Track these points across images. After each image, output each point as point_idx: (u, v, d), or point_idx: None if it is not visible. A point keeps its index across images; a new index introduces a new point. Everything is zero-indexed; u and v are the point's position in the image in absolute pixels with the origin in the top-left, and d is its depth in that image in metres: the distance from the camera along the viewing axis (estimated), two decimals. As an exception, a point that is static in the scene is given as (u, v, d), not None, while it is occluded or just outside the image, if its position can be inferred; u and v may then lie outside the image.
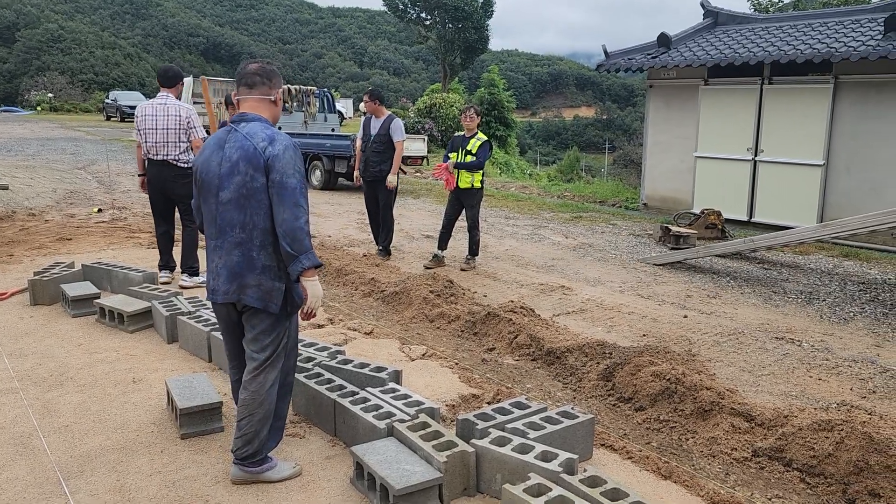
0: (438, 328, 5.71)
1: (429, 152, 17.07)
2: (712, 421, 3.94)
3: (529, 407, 3.36)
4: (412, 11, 35.99)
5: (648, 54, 12.64)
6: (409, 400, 3.36)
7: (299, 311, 3.09)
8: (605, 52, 13.28)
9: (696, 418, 3.99)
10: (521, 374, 4.71)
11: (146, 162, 6.25)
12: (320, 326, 5.25)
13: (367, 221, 8.47)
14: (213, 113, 14.94)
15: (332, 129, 17.09)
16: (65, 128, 31.39)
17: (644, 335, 5.63)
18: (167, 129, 6.10)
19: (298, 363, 3.83)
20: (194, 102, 19.89)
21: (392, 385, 3.56)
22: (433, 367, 4.51)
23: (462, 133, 7.93)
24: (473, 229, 7.92)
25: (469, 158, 7.66)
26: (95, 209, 10.72)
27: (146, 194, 6.45)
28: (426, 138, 15.07)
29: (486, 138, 7.77)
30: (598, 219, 11.84)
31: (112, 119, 40.91)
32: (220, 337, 4.11)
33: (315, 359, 3.90)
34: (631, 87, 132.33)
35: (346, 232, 9.75)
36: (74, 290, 5.27)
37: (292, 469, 3.13)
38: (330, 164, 14.26)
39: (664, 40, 12.63)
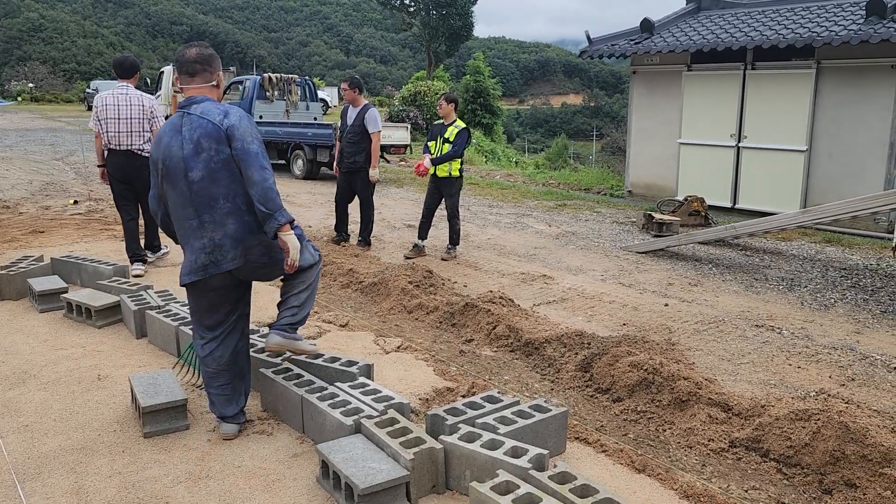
0: (417, 319, 5.62)
1: (413, 140, 16.95)
2: (689, 411, 3.88)
3: (501, 401, 3.28)
4: (395, -2, 35.76)
5: (632, 40, 12.55)
6: (379, 395, 3.28)
7: (285, 265, 3.28)
8: (589, 38, 13.18)
9: (673, 409, 3.93)
10: (499, 366, 4.63)
11: (107, 153, 6.20)
12: (294, 319, 5.15)
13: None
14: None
15: (315, 118, 16.89)
16: (45, 118, 30.99)
17: (624, 324, 5.57)
18: (131, 118, 6.09)
19: (267, 357, 3.74)
20: (175, 92, 19.65)
21: (362, 380, 3.47)
22: (408, 359, 4.43)
23: (441, 121, 7.84)
24: (453, 218, 7.83)
25: (446, 147, 7.58)
26: (71, 201, 10.53)
27: (107, 185, 6.43)
28: (409, 127, 14.93)
29: (463, 126, 7.67)
30: (583, 206, 11.79)
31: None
32: (189, 331, 4.03)
33: (285, 353, 3.80)
34: (618, 74, 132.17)
35: (328, 222, 9.61)
36: (41, 284, 5.14)
37: (312, 345, 3.69)
38: (312, 153, 14.12)
39: (647, 26, 12.54)
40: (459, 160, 7.70)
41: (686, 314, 5.86)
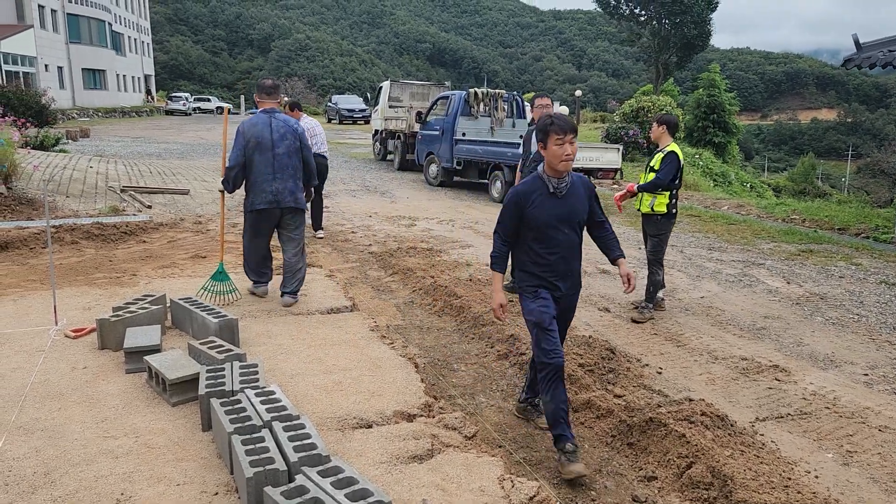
0: (581, 424, 4.13)
1: (630, 161, 15.11)
2: None
3: None
4: (625, 7, 33.39)
5: (920, 44, 9.75)
6: None
7: (306, 197, 6.04)
8: (857, 43, 10.55)
9: None
10: (689, 540, 2.98)
11: None
12: (411, 418, 3.86)
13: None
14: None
15: (520, 136, 15.68)
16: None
17: (905, 478, 3.57)
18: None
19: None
20: (390, 106, 19.61)
21: None
22: (538, 527, 2.93)
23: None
24: (652, 265, 6.26)
25: (650, 176, 6.12)
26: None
27: None
28: (620, 148, 13.13)
29: (671, 149, 6.05)
30: (836, 255, 9.26)
31: (332, 121, 43.21)
32: (239, 444, 2.97)
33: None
34: (884, 87, 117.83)
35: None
36: (134, 338, 4.39)
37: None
38: (511, 174, 12.93)
39: (944, 25, 9.65)
40: (667, 193, 6.07)
41: None
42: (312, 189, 6.62)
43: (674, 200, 6.16)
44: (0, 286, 6.21)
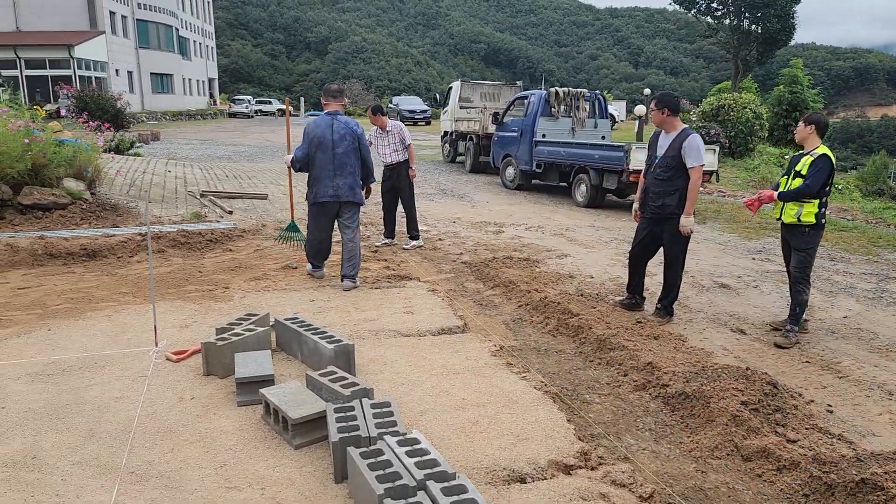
0: (759, 477, 3.51)
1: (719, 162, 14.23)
2: None
3: None
4: (701, 1, 32.04)
5: None
6: None
7: (366, 195, 6.85)
8: None
9: None
10: None
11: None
12: (569, 470, 3.32)
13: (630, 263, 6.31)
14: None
15: (603, 137, 15.00)
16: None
17: None
18: (389, 143, 8.54)
19: None
20: (461, 107, 19.15)
21: None
22: None
23: (802, 150, 5.70)
24: (798, 283, 5.57)
25: (796, 183, 5.43)
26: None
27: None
28: (717, 149, 12.30)
29: (822, 152, 5.39)
30: (975, 267, 8.35)
31: (392, 123, 43.00)
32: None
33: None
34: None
35: (614, 272, 7.68)
36: (245, 365, 3.97)
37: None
38: (598, 178, 12.27)
39: None
40: (816, 202, 5.40)
41: None
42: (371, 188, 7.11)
43: (823, 209, 5.48)
44: (92, 299, 5.94)
